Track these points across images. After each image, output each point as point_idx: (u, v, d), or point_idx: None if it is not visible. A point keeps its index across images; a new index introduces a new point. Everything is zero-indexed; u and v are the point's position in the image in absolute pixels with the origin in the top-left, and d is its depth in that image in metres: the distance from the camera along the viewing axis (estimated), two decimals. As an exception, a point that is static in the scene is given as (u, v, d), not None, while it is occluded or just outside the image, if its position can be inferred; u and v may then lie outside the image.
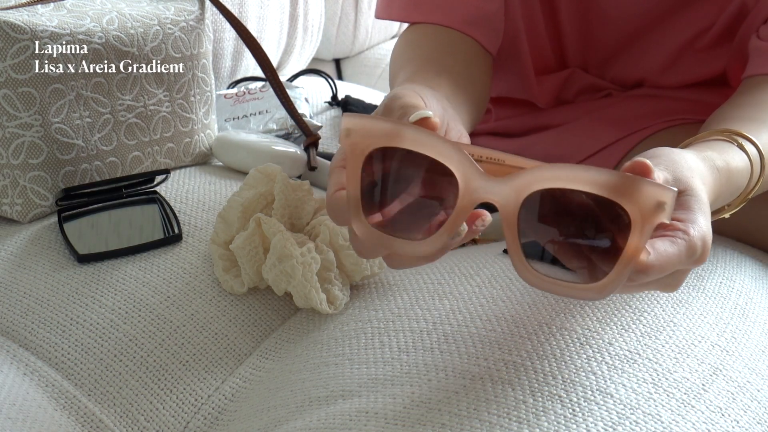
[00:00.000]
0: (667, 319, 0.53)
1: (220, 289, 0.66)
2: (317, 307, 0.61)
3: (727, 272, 0.62)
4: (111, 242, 0.69)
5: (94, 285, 0.65)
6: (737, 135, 0.56)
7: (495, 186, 0.41)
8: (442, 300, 0.58)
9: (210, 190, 0.79)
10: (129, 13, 0.77)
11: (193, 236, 0.71)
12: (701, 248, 0.44)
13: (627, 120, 0.81)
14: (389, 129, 0.43)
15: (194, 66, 0.82)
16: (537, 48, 0.86)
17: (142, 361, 0.60)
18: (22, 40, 0.69)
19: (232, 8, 0.97)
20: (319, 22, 1.27)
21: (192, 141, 0.84)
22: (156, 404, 0.59)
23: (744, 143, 0.56)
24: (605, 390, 0.46)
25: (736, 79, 0.77)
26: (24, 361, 0.60)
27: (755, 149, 0.56)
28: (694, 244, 0.43)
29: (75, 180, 0.75)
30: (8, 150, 0.71)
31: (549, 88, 0.88)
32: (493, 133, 0.95)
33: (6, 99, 0.70)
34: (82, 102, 0.74)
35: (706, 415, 0.46)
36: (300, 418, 0.51)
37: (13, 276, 0.66)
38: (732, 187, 0.54)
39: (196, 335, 0.63)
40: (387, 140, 0.43)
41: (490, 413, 0.44)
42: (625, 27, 0.81)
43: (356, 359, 0.54)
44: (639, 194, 0.38)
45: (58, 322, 0.62)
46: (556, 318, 0.53)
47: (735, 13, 0.75)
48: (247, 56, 1.08)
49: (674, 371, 0.49)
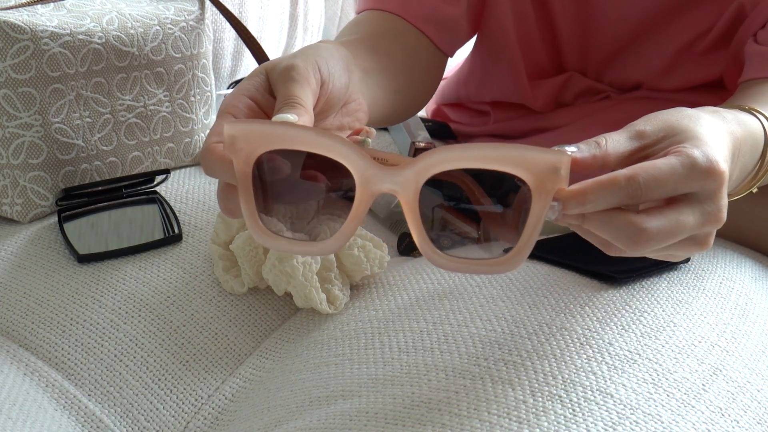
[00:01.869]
0: (667, 319, 0.53)
1: (220, 289, 0.66)
2: (317, 307, 0.61)
3: (727, 272, 0.63)
4: (111, 242, 0.69)
5: (94, 285, 0.65)
6: (748, 108, 0.54)
7: (392, 175, 0.40)
8: (442, 300, 0.58)
9: (210, 190, 0.79)
10: (129, 13, 0.77)
11: (193, 236, 0.71)
12: (705, 162, 0.41)
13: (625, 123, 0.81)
14: (274, 132, 0.41)
15: (194, 66, 0.82)
16: (530, 53, 0.86)
17: (142, 361, 0.60)
18: (22, 40, 0.69)
19: (232, 8, 0.97)
20: (319, 22, 1.27)
21: (192, 141, 0.84)
22: (156, 404, 0.59)
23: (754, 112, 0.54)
24: (605, 390, 0.46)
25: (733, 83, 0.77)
26: (24, 361, 0.60)
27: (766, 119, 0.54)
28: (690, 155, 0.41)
29: (75, 180, 0.75)
30: (8, 150, 0.71)
31: (546, 92, 0.88)
32: (491, 135, 0.95)
33: (6, 99, 0.70)
34: (82, 102, 0.74)
35: (707, 415, 0.46)
36: (300, 418, 0.51)
37: (13, 276, 0.66)
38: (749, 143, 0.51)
39: (196, 335, 0.63)
40: (274, 143, 0.41)
41: (491, 413, 0.44)
42: (623, 29, 0.81)
43: (356, 359, 0.54)
44: (533, 163, 0.39)
45: (58, 322, 0.62)
46: (556, 318, 0.53)
47: (732, 17, 0.75)
48: (247, 56, 1.08)
49: (674, 371, 0.49)
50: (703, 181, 0.42)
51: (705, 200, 0.43)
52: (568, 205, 0.40)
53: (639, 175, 0.41)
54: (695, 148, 0.42)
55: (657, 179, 0.41)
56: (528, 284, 0.58)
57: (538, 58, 0.86)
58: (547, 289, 0.57)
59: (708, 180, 0.42)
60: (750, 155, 0.52)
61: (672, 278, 0.59)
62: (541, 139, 0.88)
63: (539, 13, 0.83)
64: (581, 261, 0.59)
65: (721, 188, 0.43)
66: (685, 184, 0.42)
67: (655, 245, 0.42)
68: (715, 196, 0.43)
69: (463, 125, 0.99)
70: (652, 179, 0.41)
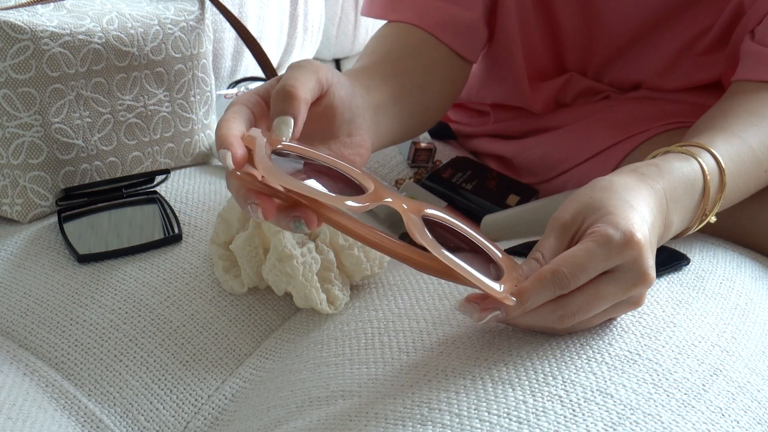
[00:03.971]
0: (667, 319, 0.53)
1: (220, 289, 0.66)
2: (317, 308, 0.61)
3: (727, 272, 0.63)
4: (111, 242, 0.69)
5: (94, 285, 0.65)
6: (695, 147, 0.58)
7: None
8: (442, 300, 0.58)
9: (210, 190, 0.79)
10: (129, 13, 0.77)
11: (193, 236, 0.71)
12: (619, 237, 0.45)
13: (625, 123, 0.81)
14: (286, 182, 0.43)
15: (194, 66, 0.82)
16: (532, 55, 0.86)
17: (142, 362, 0.60)
18: (22, 40, 0.69)
19: (232, 8, 0.97)
20: (319, 22, 1.27)
21: (192, 141, 0.84)
22: (156, 404, 0.59)
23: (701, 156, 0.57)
24: (605, 390, 0.46)
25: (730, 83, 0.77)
26: (24, 361, 0.60)
27: (713, 161, 0.57)
28: (604, 234, 0.45)
29: (75, 180, 0.75)
30: (8, 150, 0.71)
31: (546, 94, 0.88)
32: (491, 135, 0.95)
33: (6, 99, 0.70)
34: (82, 102, 0.74)
35: (707, 415, 0.46)
36: (300, 418, 0.51)
37: (13, 276, 0.66)
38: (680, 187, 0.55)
39: (196, 335, 0.63)
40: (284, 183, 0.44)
41: (491, 413, 0.44)
42: (626, 29, 0.81)
43: (356, 359, 0.54)
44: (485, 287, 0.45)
45: (58, 322, 0.62)
46: (556, 318, 0.53)
47: (732, 15, 0.75)
48: (247, 56, 1.08)
49: (674, 372, 0.49)
50: (623, 254, 0.45)
51: (627, 270, 0.46)
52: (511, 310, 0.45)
53: (561, 266, 0.45)
54: (608, 225, 0.46)
55: (579, 265, 0.45)
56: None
57: (540, 60, 0.86)
58: (547, 289, 0.56)
59: (626, 251, 0.45)
60: (688, 196, 0.55)
61: (672, 279, 0.59)
62: (540, 139, 0.87)
63: (542, 15, 0.83)
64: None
65: (642, 255, 0.46)
66: (607, 262, 0.45)
67: (581, 318, 0.46)
68: (636, 262, 0.46)
69: (463, 125, 0.99)
70: (574, 266, 0.45)
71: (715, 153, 0.58)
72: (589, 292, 0.46)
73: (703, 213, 0.57)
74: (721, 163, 0.57)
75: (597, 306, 0.46)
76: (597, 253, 0.45)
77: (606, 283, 0.46)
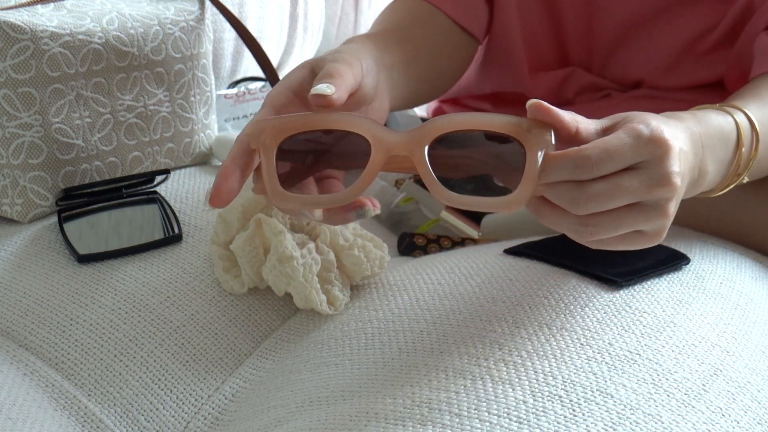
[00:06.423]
0: (667, 319, 0.53)
1: (220, 289, 0.66)
2: (317, 308, 0.61)
3: (727, 272, 0.62)
4: (111, 242, 0.69)
5: (94, 285, 0.65)
6: (730, 107, 0.58)
7: (402, 137, 0.46)
8: (442, 300, 0.58)
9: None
10: (129, 13, 0.77)
11: (193, 236, 0.71)
12: (649, 132, 0.46)
13: None
14: (297, 121, 0.47)
15: (194, 66, 0.82)
16: (533, 43, 0.86)
17: (142, 362, 0.60)
18: (22, 40, 0.69)
19: (232, 8, 0.97)
20: (319, 22, 1.27)
21: (192, 141, 0.84)
22: (156, 404, 0.59)
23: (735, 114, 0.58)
24: (605, 390, 0.46)
25: (733, 84, 0.77)
26: (24, 361, 0.60)
27: (746, 120, 0.58)
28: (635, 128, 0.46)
29: (75, 180, 0.74)
30: (8, 150, 0.71)
31: (547, 85, 0.88)
32: None
33: (6, 99, 0.70)
34: (82, 102, 0.74)
35: (707, 415, 0.46)
36: (300, 418, 0.51)
37: (13, 276, 0.66)
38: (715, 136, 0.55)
39: (196, 335, 0.63)
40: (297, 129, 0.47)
41: (491, 413, 0.44)
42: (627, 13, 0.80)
43: (356, 359, 0.54)
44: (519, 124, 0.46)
45: (58, 322, 0.62)
46: (556, 318, 0.53)
47: (739, 14, 0.75)
48: (247, 56, 1.08)
49: (674, 372, 0.49)
50: (650, 149, 0.46)
51: (651, 166, 0.46)
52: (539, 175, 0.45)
53: (588, 148, 0.45)
54: (641, 123, 0.47)
55: (606, 150, 0.45)
56: (528, 285, 0.58)
57: (541, 47, 0.86)
58: (547, 289, 0.57)
59: (653, 147, 0.46)
60: (722, 148, 0.56)
61: (672, 279, 0.59)
62: None
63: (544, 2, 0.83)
64: (582, 263, 0.59)
65: (669, 154, 0.46)
66: (634, 154, 0.45)
67: (595, 207, 0.46)
68: (662, 161, 0.46)
69: None
70: (601, 151, 0.45)
71: (749, 114, 0.58)
72: (610, 181, 0.46)
73: (737, 170, 0.57)
74: (754, 122, 0.58)
75: (617, 197, 0.46)
76: (626, 142, 0.45)
77: (629, 175, 0.46)
